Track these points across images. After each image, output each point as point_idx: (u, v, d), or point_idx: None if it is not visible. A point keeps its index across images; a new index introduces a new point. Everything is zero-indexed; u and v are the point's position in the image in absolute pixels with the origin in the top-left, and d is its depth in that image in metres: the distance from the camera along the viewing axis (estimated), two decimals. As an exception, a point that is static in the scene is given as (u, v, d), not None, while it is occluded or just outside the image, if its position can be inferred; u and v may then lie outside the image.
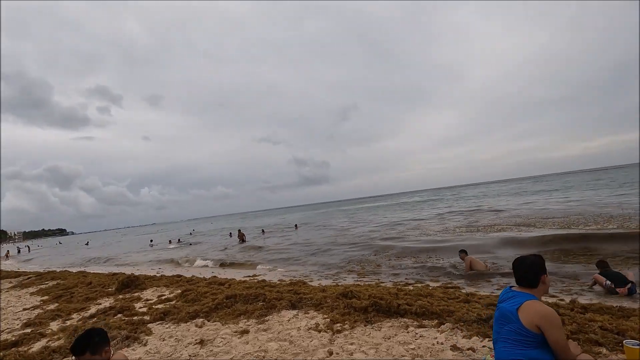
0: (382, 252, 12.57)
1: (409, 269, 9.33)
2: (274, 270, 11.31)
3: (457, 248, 10.51)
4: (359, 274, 9.52)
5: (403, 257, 11.27)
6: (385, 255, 11.78)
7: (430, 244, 12.88)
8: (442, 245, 12.22)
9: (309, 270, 10.75)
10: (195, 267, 14.44)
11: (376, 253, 12.50)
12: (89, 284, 9.52)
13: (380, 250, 12.83)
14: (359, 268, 10.28)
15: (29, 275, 13.14)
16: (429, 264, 9.67)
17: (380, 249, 13.29)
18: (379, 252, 12.65)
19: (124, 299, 7.27)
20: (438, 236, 14.77)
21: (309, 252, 14.70)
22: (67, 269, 18.37)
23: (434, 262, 9.81)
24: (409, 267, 9.56)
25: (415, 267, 9.53)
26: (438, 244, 12.48)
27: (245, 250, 18.28)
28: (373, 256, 11.97)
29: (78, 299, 7.72)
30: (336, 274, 9.83)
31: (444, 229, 16.87)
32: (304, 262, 12.35)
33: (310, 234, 24.29)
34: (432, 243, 12.97)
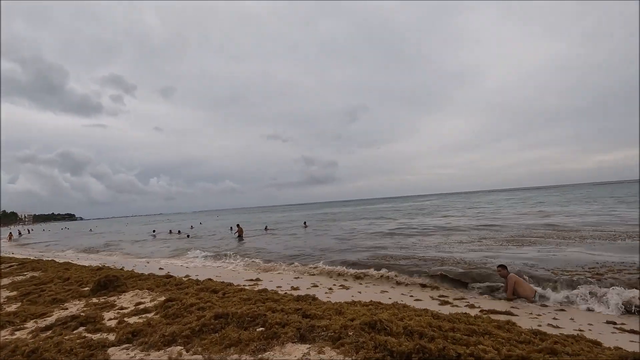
0: (397, 257, 11.18)
1: (433, 282, 7.94)
2: (276, 276, 9.99)
3: (486, 260, 9.13)
4: (376, 280, 8.21)
5: (424, 264, 9.87)
6: (403, 261, 10.39)
7: (455, 253, 11.45)
8: (470, 256, 10.78)
9: (318, 275, 9.42)
10: (190, 265, 13.21)
11: (390, 258, 11.12)
12: (66, 280, 8.34)
13: (396, 256, 11.44)
14: (376, 274, 8.92)
15: (12, 264, 12.06)
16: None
17: (394, 254, 11.92)
18: (393, 256, 11.26)
19: (96, 304, 6.03)
20: (462, 247, 13.30)
21: (318, 253, 13.39)
22: (59, 256, 17.40)
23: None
24: (434, 281, 8.17)
25: (442, 280, 8.14)
26: (463, 254, 11.04)
27: (246, 248, 17.03)
28: (385, 261, 10.60)
29: (46, 299, 6.51)
30: (352, 280, 8.50)
31: (468, 239, 15.38)
32: (311, 264, 11.03)
33: (319, 232, 22.97)
34: (457, 253, 11.53)
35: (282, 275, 9.85)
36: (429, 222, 24.97)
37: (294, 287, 8.28)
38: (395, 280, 8.59)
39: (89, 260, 15.73)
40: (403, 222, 27.13)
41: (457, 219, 27.07)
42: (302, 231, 25.85)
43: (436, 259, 10.48)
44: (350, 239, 17.91)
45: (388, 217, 36.39)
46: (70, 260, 14.97)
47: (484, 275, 8.21)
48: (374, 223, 28.90)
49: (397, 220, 30.83)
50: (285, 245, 16.80)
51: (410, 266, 9.82)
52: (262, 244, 18.39)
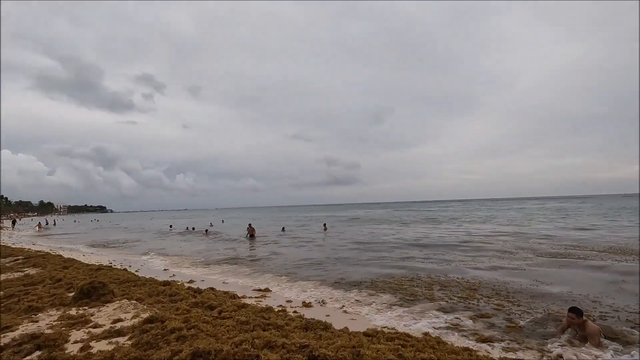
0: (430, 273, 9.77)
1: (473, 313, 6.52)
2: (288, 286, 8.86)
3: (538, 287, 7.62)
4: (403, 302, 6.91)
5: (463, 287, 8.43)
6: (436, 281, 8.99)
7: (495, 273, 9.92)
8: (516, 281, 9.19)
9: (333, 291, 8.20)
10: (197, 269, 12.35)
11: (420, 274, 9.73)
12: (57, 282, 7.60)
13: (428, 272, 10.03)
14: (400, 298, 7.59)
15: (18, 257, 11.66)
16: (505, 306, 6.78)
17: (423, 267, 10.51)
18: (425, 273, 9.86)
19: (71, 317, 5.13)
20: (501, 264, 11.67)
21: (337, 262, 12.19)
22: (72, 250, 17.16)
23: (508, 305, 6.89)
24: (473, 309, 6.75)
25: (481, 308, 6.71)
26: (506, 277, 9.47)
27: (259, 252, 16.05)
28: (414, 278, 9.21)
29: (22, 306, 5.70)
30: (371, 300, 7.22)
31: (506, 255, 13.66)
32: (327, 276, 9.83)
33: (339, 237, 21.74)
34: (498, 273, 9.98)
35: (293, 286, 8.72)
36: (458, 231, 23.14)
37: (305, 302, 7.13)
38: (423, 301, 7.27)
39: (98, 255, 15.29)
40: (429, 229, 25.40)
41: (489, 227, 25.04)
42: (322, 234, 24.72)
43: (474, 281, 8.99)
44: (372, 246, 16.57)
45: (412, 222, 34.60)
46: (79, 255, 14.57)
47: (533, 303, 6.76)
48: (398, 229, 27.31)
49: (422, 226, 29.06)
50: (301, 251, 15.68)
51: (442, 287, 8.43)
52: (276, 247, 17.39)
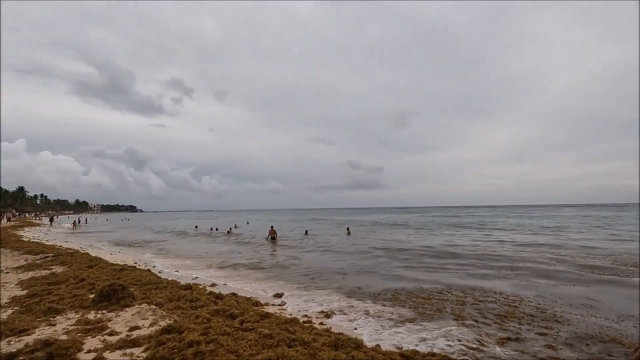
0: (463, 287, 9.00)
1: (505, 335, 5.74)
2: (306, 294, 8.35)
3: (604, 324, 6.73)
4: (423, 317, 6.23)
5: (501, 303, 7.63)
6: (470, 296, 8.22)
7: (543, 299, 8.99)
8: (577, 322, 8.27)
9: (361, 301, 7.64)
10: (219, 272, 12.11)
11: (452, 287, 8.97)
12: (80, 281, 7.51)
13: (461, 285, 9.25)
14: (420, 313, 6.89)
15: (48, 255, 11.88)
16: (552, 329, 5.97)
17: (458, 281, 9.73)
18: (458, 286, 9.09)
19: (88, 322, 4.89)
20: (551, 284, 10.68)
21: (358, 270, 11.60)
22: (99, 248, 17.52)
23: (556, 327, 6.06)
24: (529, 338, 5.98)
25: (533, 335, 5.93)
26: (563, 308, 8.54)
27: (282, 256, 15.68)
28: (444, 291, 8.48)
29: (42, 307, 5.55)
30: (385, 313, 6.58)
31: (546, 265, 12.57)
32: (348, 285, 9.25)
33: (363, 242, 21.08)
34: (547, 298, 9.05)
35: (311, 294, 8.22)
36: (489, 239, 21.87)
37: (326, 312, 6.65)
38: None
39: (124, 254, 15.46)
40: (457, 237, 24.22)
41: (522, 236, 23.55)
42: (345, 239, 24.15)
43: (514, 297, 8.14)
44: (398, 253, 15.84)
45: (439, 228, 33.30)
46: (106, 253, 14.77)
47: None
48: (425, 235, 26.26)
49: (449, 233, 27.82)
50: (323, 256, 15.16)
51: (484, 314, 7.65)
52: (298, 252, 16.98)
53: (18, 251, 13.27)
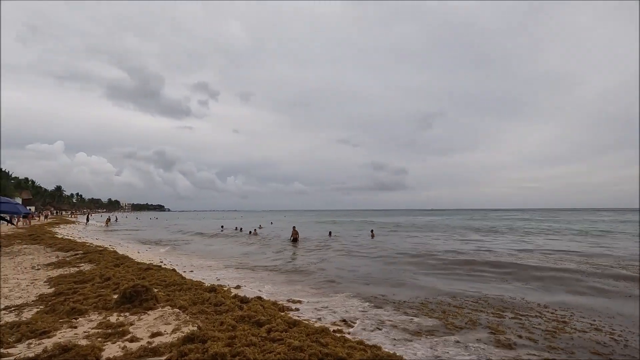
0: (502, 296, 8.22)
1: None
2: (327, 300, 7.84)
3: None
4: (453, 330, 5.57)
5: (547, 318, 6.83)
6: (509, 308, 7.46)
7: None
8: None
9: (382, 309, 7.07)
10: (243, 274, 11.87)
11: (489, 295, 8.21)
12: (106, 280, 7.40)
13: (498, 294, 8.46)
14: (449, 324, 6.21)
15: (78, 252, 12.08)
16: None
17: (494, 291, 8.93)
18: (495, 295, 8.31)
19: (110, 326, 4.65)
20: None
21: (384, 275, 11.01)
22: (129, 246, 17.84)
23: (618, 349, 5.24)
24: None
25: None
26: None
27: (302, 257, 15.27)
28: (479, 300, 7.74)
29: (66, 307, 5.39)
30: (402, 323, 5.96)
31: (596, 274, 11.44)
32: (377, 292, 8.68)
33: (388, 246, 20.36)
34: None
35: (335, 301, 7.72)
36: (524, 245, 20.56)
37: (347, 321, 6.16)
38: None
39: (151, 253, 15.60)
40: (491, 241, 22.97)
41: (564, 242, 21.99)
42: (369, 241, 23.50)
43: (563, 311, 7.28)
44: (428, 258, 15.06)
45: (470, 232, 31.88)
46: (133, 251, 14.95)
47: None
48: (455, 239, 25.12)
49: (482, 236, 26.49)
50: (346, 260, 14.58)
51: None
52: (321, 254, 16.51)
53: (51, 248, 13.63)
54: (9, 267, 9.33)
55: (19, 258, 10.90)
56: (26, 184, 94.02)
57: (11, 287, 7.14)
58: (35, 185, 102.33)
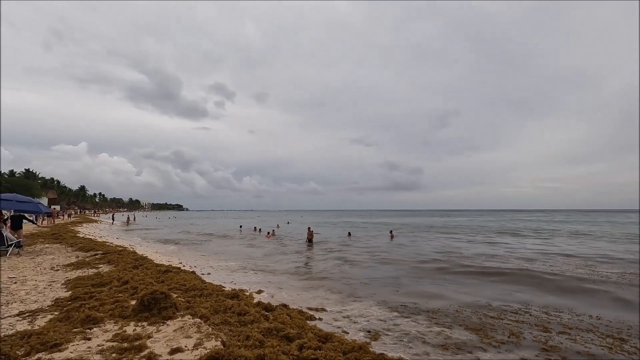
0: (545, 307, 7.41)
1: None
2: (350, 308, 7.22)
3: None
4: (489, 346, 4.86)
5: (601, 333, 6.02)
6: (555, 320, 6.66)
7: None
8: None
9: (410, 319, 6.39)
10: (263, 278, 11.41)
11: (531, 305, 7.40)
12: (124, 284, 7.04)
13: (541, 304, 7.64)
14: (489, 339, 5.49)
15: (97, 252, 11.91)
16: None
17: (536, 299, 8.11)
18: (538, 305, 7.50)
19: (125, 337, 4.21)
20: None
21: (410, 280, 10.32)
22: (148, 245, 17.75)
23: None
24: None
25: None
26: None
27: (321, 260, 14.69)
28: (519, 311, 6.96)
29: (81, 315, 5.00)
30: (439, 336, 5.27)
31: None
32: (405, 300, 8.01)
33: (409, 248, 19.57)
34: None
35: (360, 308, 7.11)
36: (554, 248, 19.34)
37: (374, 331, 5.58)
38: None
39: (170, 254, 15.38)
40: (517, 243, 21.82)
41: (597, 245, 20.61)
42: (389, 243, 22.74)
43: (618, 325, 6.43)
44: (458, 261, 14.23)
45: (493, 234, 30.57)
46: (152, 252, 14.76)
47: None
48: (480, 240, 24.04)
49: (508, 238, 25.28)
50: (368, 262, 13.92)
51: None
52: (341, 256, 15.90)
53: (72, 247, 13.57)
54: (29, 268, 9.16)
55: (40, 258, 10.79)
56: (52, 184, 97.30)
57: (28, 289, 6.88)
58: (60, 185, 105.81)
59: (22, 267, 9.29)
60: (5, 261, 10.15)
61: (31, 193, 61.74)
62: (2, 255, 11.02)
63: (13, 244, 11.38)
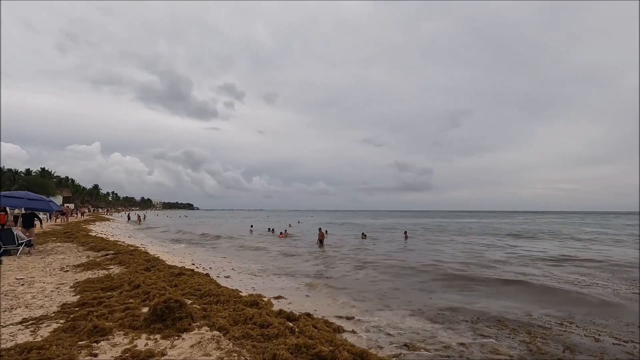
0: (601, 322, 6.65)
1: None
2: (378, 317, 6.57)
3: None
4: None
5: None
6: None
7: None
8: None
9: (451, 330, 5.73)
10: (283, 282, 10.86)
11: (590, 325, 6.66)
12: (135, 288, 6.56)
13: (597, 319, 6.89)
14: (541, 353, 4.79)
15: (109, 252, 11.53)
16: None
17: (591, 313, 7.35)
18: (595, 322, 6.75)
19: (135, 355, 3.66)
20: None
21: (437, 285, 9.64)
22: (160, 244, 17.42)
23: None
24: None
25: None
26: None
27: (338, 263, 14.08)
28: (564, 321, 6.22)
29: (88, 325, 4.51)
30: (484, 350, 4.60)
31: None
32: (438, 306, 7.36)
33: (426, 249, 18.84)
34: None
35: (390, 318, 6.48)
36: (587, 251, 18.36)
37: (410, 344, 4.95)
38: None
39: (182, 253, 14.99)
40: (552, 247, 20.85)
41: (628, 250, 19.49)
42: (403, 243, 22.05)
43: None
44: (480, 264, 13.47)
45: (512, 236, 29.52)
46: (164, 251, 14.38)
47: None
48: (502, 243, 23.10)
49: (533, 243, 24.26)
50: (389, 266, 13.27)
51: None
52: (360, 257, 15.26)
53: (83, 246, 13.26)
54: (38, 268, 8.79)
55: (50, 258, 10.45)
56: (66, 183, 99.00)
57: (35, 292, 6.46)
58: (75, 184, 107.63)
59: (31, 267, 8.93)
60: (15, 260, 9.84)
61: (47, 191, 62.83)
62: (13, 255, 10.74)
63: (24, 242, 11.09)
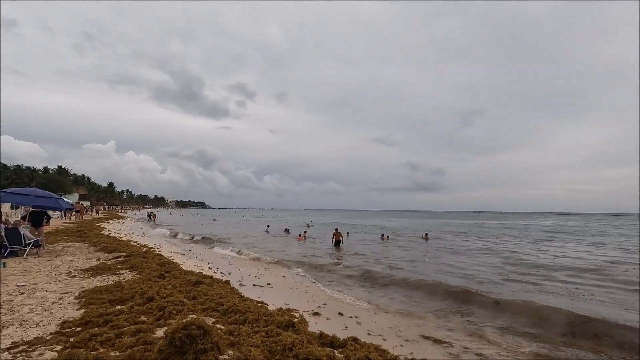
0: None
1: None
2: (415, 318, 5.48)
3: None
4: None
5: None
6: None
7: None
8: None
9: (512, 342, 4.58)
10: (315, 288, 9.82)
11: None
12: (148, 300, 5.60)
13: None
14: None
15: (121, 254, 10.69)
16: None
17: None
18: None
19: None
20: None
21: (488, 295, 8.44)
22: (174, 244, 16.62)
23: None
24: None
25: None
26: None
27: (367, 269, 12.95)
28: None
29: (90, 358, 3.55)
30: None
31: None
32: (485, 314, 6.22)
33: (449, 251, 17.55)
34: None
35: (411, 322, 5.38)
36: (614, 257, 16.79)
37: None
38: None
39: (197, 255, 14.12)
40: (588, 250, 19.31)
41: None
42: (425, 246, 20.83)
43: None
44: (522, 267, 12.17)
45: (542, 241, 27.85)
46: (178, 253, 13.53)
47: None
48: (533, 246, 21.60)
49: (570, 246, 22.66)
50: (422, 271, 12.12)
51: None
52: (388, 262, 14.14)
53: (94, 247, 12.50)
54: (44, 272, 7.97)
55: (58, 260, 9.66)
56: (82, 181, 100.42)
57: (34, 304, 5.57)
58: (91, 182, 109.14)
59: (36, 271, 8.12)
60: (20, 263, 9.07)
61: (63, 189, 63.67)
62: (20, 256, 10.01)
63: (31, 243, 10.35)
